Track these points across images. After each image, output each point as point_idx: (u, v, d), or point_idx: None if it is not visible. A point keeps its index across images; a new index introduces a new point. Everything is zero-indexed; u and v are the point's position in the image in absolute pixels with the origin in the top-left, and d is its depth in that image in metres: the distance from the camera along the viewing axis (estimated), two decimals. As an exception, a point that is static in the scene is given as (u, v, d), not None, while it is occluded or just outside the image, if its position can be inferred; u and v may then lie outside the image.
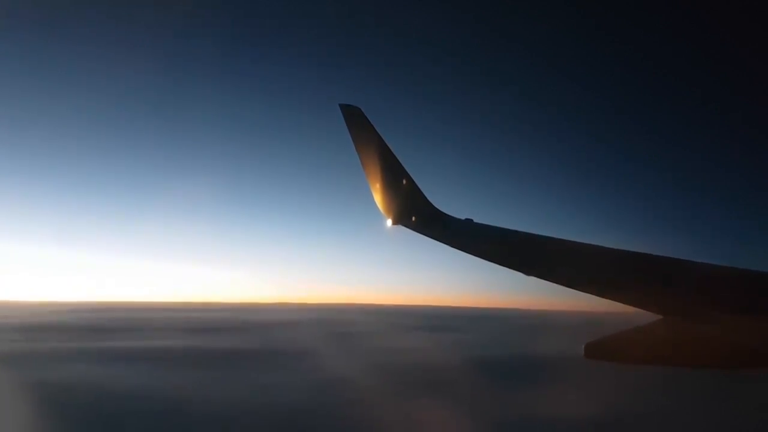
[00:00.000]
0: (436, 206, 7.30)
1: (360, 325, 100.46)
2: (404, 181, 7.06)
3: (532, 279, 5.23)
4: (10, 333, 74.30)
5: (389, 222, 7.09)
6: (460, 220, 7.19)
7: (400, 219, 7.05)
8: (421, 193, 7.21)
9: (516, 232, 6.48)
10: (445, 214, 7.29)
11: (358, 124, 6.83)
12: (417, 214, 7.03)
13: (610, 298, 4.56)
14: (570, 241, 5.92)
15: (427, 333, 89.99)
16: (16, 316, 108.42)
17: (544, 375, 40.06)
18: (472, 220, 7.12)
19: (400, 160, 7.05)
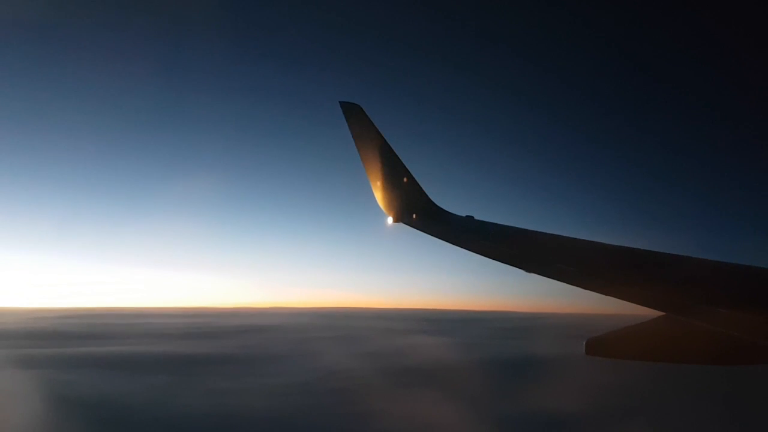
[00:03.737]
0: (437, 203, 7.32)
1: (342, 330, 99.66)
2: (405, 179, 7.07)
3: (534, 280, 5.22)
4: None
5: (390, 220, 7.11)
6: (461, 217, 7.20)
7: (401, 217, 7.07)
8: (422, 190, 7.22)
9: (517, 229, 6.49)
10: (446, 211, 7.30)
11: (358, 121, 6.82)
12: (418, 211, 7.05)
13: (610, 295, 4.55)
14: (570, 237, 5.93)
15: (426, 337, 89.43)
16: (7, 323, 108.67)
17: (545, 376, 40.12)
18: (473, 217, 7.14)
19: (401, 158, 7.07)
